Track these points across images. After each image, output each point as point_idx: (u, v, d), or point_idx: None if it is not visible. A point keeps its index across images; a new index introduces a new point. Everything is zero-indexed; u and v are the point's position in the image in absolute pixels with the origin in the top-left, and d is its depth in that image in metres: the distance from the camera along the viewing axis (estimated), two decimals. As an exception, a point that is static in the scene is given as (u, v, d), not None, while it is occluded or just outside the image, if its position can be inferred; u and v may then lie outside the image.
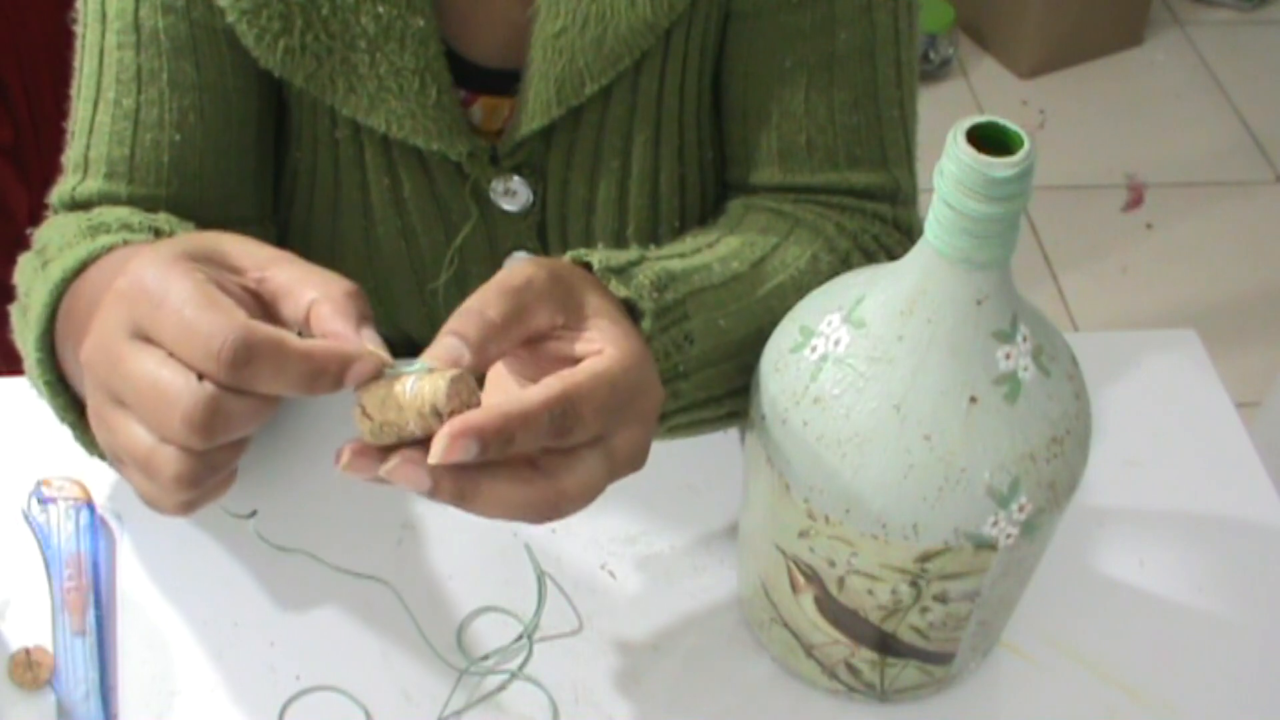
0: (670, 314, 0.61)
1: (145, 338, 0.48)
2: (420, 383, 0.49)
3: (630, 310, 0.60)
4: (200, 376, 0.47)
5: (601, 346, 0.54)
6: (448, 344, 0.50)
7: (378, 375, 0.49)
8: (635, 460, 0.54)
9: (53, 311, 0.63)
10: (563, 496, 0.51)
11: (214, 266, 0.51)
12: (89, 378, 0.51)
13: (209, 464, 0.48)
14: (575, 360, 0.53)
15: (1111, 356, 0.85)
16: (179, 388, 0.46)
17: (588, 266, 0.60)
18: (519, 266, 0.55)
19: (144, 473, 0.49)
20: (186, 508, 0.50)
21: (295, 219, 0.82)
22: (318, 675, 0.67)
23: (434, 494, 0.49)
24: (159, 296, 0.48)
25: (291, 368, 0.47)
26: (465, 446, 0.47)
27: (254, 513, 0.56)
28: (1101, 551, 0.74)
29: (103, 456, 0.65)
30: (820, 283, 0.63)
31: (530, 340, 0.54)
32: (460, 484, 0.49)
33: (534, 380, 0.52)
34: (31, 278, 0.68)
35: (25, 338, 0.66)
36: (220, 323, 0.46)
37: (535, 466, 0.51)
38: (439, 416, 0.48)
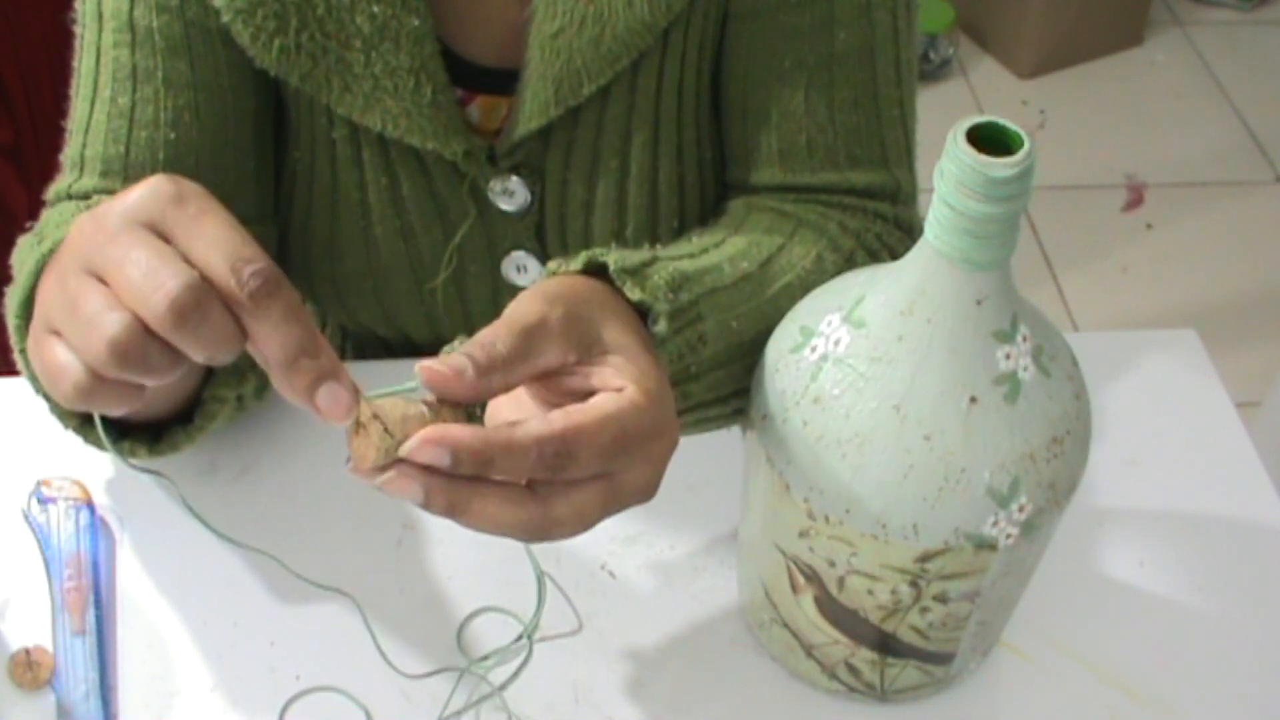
0: (684, 315, 0.61)
1: (96, 275, 0.48)
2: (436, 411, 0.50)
3: (644, 315, 0.60)
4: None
5: (621, 385, 0.53)
6: (455, 360, 0.50)
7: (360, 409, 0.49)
8: (642, 495, 0.55)
9: (36, 280, 0.63)
10: (553, 522, 0.51)
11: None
12: (38, 305, 0.52)
13: (107, 392, 0.49)
14: (590, 395, 0.53)
15: (1111, 356, 0.85)
16: (113, 318, 0.46)
17: (603, 267, 0.60)
18: (535, 301, 0.54)
19: (51, 380, 0.50)
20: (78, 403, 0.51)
21: (294, 219, 0.82)
22: (318, 675, 0.67)
23: (427, 505, 0.49)
24: (112, 234, 0.48)
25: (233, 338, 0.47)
26: (436, 453, 0.48)
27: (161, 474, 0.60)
28: (1101, 551, 0.74)
29: (70, 425, 0.67)
30: (825, 283, 0.62)
31: (542, 376, 0.54)
32: (451, 498, 0.50)
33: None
34: (26, 254, 0.68)
35: (9, 308, 0.66)
36: (175, 268, 0.46)
37: (531, 489, 0.51)
38: None
